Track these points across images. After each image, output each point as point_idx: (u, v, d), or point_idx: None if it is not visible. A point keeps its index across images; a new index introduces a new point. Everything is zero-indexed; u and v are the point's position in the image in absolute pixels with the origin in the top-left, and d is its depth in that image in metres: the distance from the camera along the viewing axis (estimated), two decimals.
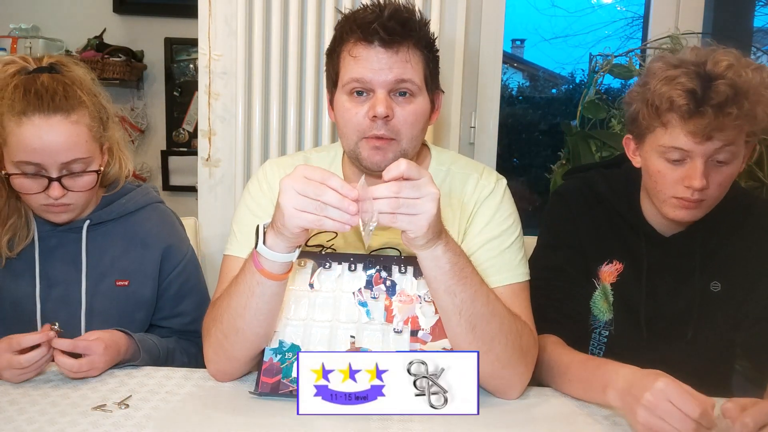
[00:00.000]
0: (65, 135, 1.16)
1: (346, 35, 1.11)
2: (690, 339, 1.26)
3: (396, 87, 1.09)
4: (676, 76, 1.10)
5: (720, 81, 1.08)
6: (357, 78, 1.09)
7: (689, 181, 1.13)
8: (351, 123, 1.11)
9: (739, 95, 1.07)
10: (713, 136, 1.09)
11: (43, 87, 1.16)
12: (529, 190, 3.40)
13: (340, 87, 1.13)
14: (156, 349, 1.24)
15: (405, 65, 1.09)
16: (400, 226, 0.91)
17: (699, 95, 1.08)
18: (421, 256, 0.98)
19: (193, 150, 2.66)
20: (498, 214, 1.19)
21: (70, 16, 2.66)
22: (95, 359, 1.11)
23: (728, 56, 1.11)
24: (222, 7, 1.85)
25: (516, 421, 1.02)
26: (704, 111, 1.07)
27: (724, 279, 1.26)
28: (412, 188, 0.89)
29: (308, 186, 0.90)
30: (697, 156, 1.11)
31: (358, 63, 1.09)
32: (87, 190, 1.23)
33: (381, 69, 1.08)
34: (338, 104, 1.14)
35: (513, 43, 4.13)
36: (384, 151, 1.10)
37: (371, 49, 1.08)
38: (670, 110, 1.11)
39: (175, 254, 1.35)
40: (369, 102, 1.09)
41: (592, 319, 1.29)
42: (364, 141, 1.11)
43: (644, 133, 1.18)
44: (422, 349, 1.07)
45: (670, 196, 1.17)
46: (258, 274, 1.00)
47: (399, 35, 1.08)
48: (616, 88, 2.30)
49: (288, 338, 1.10)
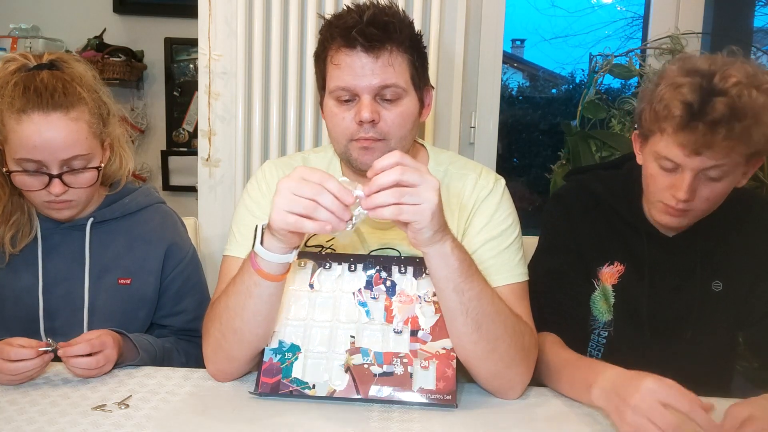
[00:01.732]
0: (65, 132, 1.16)
1: (329, 41, 1.12)
2: (691, 339, 1.26)
3: (381, 91, 1.10)
4: (681, 85, 1.08)
5: (719, 98, 1.05)
6: (342, 86, 1.10)
7: (674, 191, 1.13)
8: (339, 127, 1.12)
9: (734, 116, 1.04)
10: (702, 152, 1.07)
11: (43, 84, 1.16)
12: (529, 191, 3.40)
13: (327, 93, 1.14)
14: (153, 348, 1.24)
15: (388, 69, 1.09)
16: (405, 218, 0.91)
17: (695, 109, 1.06)
18: (430, 254, 0.98)
19: (193, 150, 2.66)
20: (497, 215, 1.19)
21: (70, 16, 2.66)
22: (109, 353, 1.11)
23: (740, 72, 1.07)
24: (222, 7, 1.85)
25: (516, 421, 1.02)
26: (695, 126, 1.06)
27: (725, 278, 1.26)
28: (413, 173, 0.90)
29: (305, 187, 0.90)
30: (686, 169, 1.11)
31: (341, 70, 1.10)
32: (88, 187, 1.23)
33: (364, 75, 1.08)
34: (327, 109, 1.15)
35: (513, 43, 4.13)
36: (373, 150, 1.11)
37: (353, 56, 1.09)
38: (666, 118, 1.10)
39: (178, 252, 1.36)
40: (356, 106, 1.10)
41: (591, 320, 1.30)
42: (353, 143, 1.12)
43: (647, 134, 1.18)
44: (422, 349, 1.07)
45: (657, 200, 1.18)
46: (256, 275, 1.00)
47: (379, 40, 1.08)
48: (616, 88, 2.30)
49: (288, 338, 1.10)
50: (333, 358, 1.07)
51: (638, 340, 1.27)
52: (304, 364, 1.07)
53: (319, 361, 1.07)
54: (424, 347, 1.08)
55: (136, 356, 1.19)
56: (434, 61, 1.83)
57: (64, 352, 1.08)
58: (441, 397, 1.03)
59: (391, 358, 1.06)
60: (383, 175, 0.90)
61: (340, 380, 1.05)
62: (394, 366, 1.06)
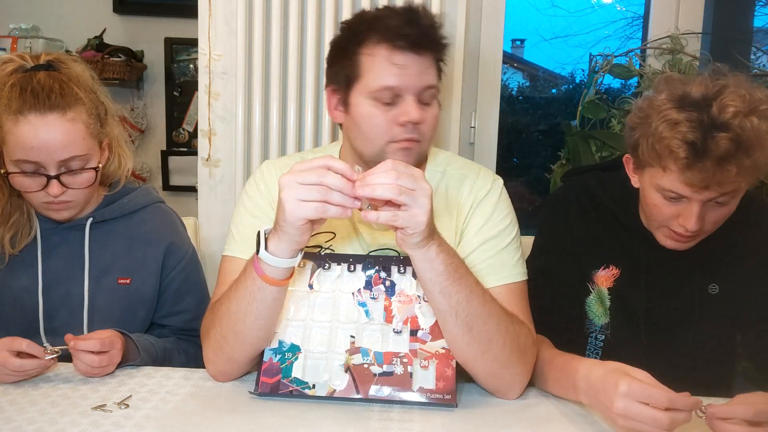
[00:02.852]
0: (62, 132, 1.16)
1: (368, 36, 1.10)
2: (689, 342, 1.26)
3: (422, 93, 1.10)
4: (679, 122, 1.05)
5: (722, 134, 1.02)
6: (390, 86, 1.09)
7: (683, 222, 1.12)
8: (379, 128, 1.11)
9: (741, 150, 1.02)
10: (711, 187, 1.06)
11: (39, 85, 1.16)
12: (529, 191, 3.40)
13: (360, 89, 1.12)
14: (153, 348, 1.24)
15: (430, 71, 1.11)
16: (400, 224, 0.91)
17: (699, 147, 1.03)
18: (416, 258, 0.98)
19: (193, 150, 2.66)
20: (495, 215, 1.18)
21: (70, 16, 2.65)
22: (114, 354, 1.12)
23: (736, 98, 1.04)
24: (222, 7, 1.85)
25: (515, 420, 1.02)
26: (703, 165, 1.03)
27: (721, 281, 1.25)
28: (408, 178, 0.90)
29: (310, 174, 0.90)
30: (694, 201, 1.10)
31: (387, 67, 1.08)
32: (86, 187, 1.23)
33: (411, 75, 1.09)
34: (359, 108, 1.12)
35: (513, 43, 4.13)
36: (411, 151, 1.12)
37: (401, 56, 1.08)
38: (668, 157, 1.07)
39: (177, 252, 1.36)
40: (397, 107, 1.10)
41: (588, 324, 1.29)
42: (392, 144, 1.11)
43: (643, 165, 1.15)
44: (422, 349, 1.07)
45: (663, 227, 1.17)
46: (259, 279, 1.00)
47: (426, 41, 1.09)
48: (616, 88, 2.30)
49: (288, 338, 1.10)
50: (333, 358, 1.07)
51: (635, 343, 1.26)
52: (304, 364, 1.07)
53: (318, 361, 1.07)
54: (424, 347, 1.08)
55: (137, 357, 1.19)
56: None
57: (75, 345, 1.08)
58: (441, 397, 1.03)
59: (391, 357, 1.06)
60: (382, 175, 0.90)
61: (340, 380, 1.05)
62: (393, 366, 1.06)
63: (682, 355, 1.25)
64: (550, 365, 1.11)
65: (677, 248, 1.19)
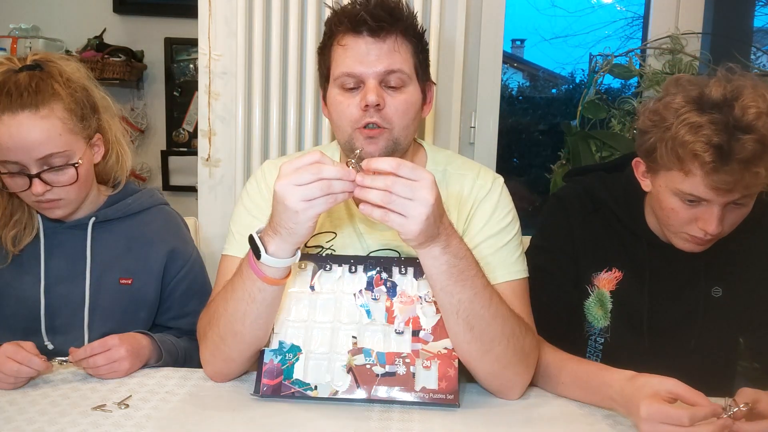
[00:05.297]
0: (36, 130, 1.15)
1: (336, 28, 1.12)
2: (692, 345, 1.25)
3: (386, 77, 1.09)
4: (701, 126, 1.03)
5: (748, 136, 1.01)
6: (347, 72, 1.09)
7: (704, 225, 1.10)
8: (344, 115, 1.11)
9: (766, 151, 1.02)
10: (736, 189, 1.05)
11: (15, 85, 1.15)
12: (529, 190, 3.40)
13: (331, 81, 1.13)
14: (175, 349, 1.25)
15: (393, 54, 1.09)
16: (392, 226, 0.91)
17: (725, 150, 1.01)
18: (420, 254, 0.98)
19: (193, 150, 2.66)
20: (496, 213, 1.18)
21: (70, 16, 2.66)
22: (113, 353, 1.12)
23: (755, 98, 1.03)
24: (222, 7, 1.85)
25: (516, 421, 1.02)
26: (730, 168, 1.02)
27: (724, 284, 1.25)
28: (405, 187, 0.89)
29: (304, 173, 0.90)
30: (714, 204, 1.08)
31: (347, 54, 1.09)
32: (72, 184, 1.21)
33: (370, 59, 1.08)
34: (331, 98, 1.14)
35: (513, 43, 4.13)
36: (377, 140, 1.10)
37: (359, 39, 1.09)
38: (693, 161, 1.05)
39: (181, 255, 1.36)
40: (360, 93, 1.10)
41: (587, 326, 1.29)
42: (357, 132, 1.10)
43: (659, 169, 1.13)
44: (424, 349, 1.07)
45: (681, 231, 1.15)
46: (260, 281, 1.00)
47: (386, 22, 1.08)
48: (616, 88, 2.30)
49: (288, 339, 1.09)
50: (335, 359, 1.07)
51: (637, 346, 1.25)
52: (305, 365, 1.07)
53: (320, 362, 1.07)
54: (426, 347, 1.07)
55: (160, 358, 1.20)
56: (435, 61, 1.82)
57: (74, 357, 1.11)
58: (444, 397, 1.03)
59: (394, 358, 1.06)
60: (378, 179, 0.90)
61: (342, 381, 1.05)
62: (396, 366, 1.05)
63: (683, 359, 1.24)
64: (561, 370, 1.10)
65: (695, 251, 1.17)
